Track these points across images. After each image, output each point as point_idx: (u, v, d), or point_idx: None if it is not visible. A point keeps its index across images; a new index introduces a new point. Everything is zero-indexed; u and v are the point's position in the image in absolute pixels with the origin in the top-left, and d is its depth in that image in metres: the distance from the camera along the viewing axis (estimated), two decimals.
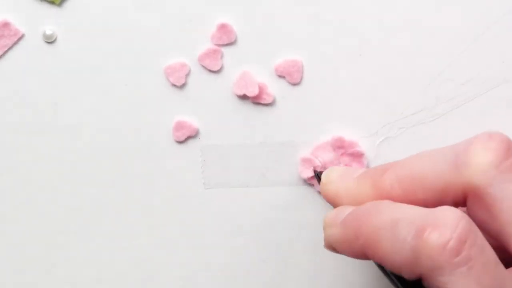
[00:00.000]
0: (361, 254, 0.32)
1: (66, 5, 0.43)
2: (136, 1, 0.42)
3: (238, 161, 0.44)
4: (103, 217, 0.45)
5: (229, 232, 0.45)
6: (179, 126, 0.44)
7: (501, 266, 0.30)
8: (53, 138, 0.44)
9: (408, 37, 0.42)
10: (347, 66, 0.43)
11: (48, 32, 0.43)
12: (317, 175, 0.43)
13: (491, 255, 0.29)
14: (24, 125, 0.44)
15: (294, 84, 0.43)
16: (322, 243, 0.38)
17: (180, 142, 0.44)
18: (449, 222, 0.29)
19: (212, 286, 0.45)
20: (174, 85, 0.43)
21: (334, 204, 0.37)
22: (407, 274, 0.30)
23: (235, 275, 0.45)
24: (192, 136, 0.44)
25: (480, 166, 0.31)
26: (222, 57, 0.43)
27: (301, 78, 0.43)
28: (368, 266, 0.45)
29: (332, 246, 0.35)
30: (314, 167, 0.43)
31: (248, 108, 0.44)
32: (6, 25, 0.42)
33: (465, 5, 0.42)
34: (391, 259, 0.30)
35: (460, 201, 0.32)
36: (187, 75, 0.43)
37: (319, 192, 0.44)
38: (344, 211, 0.34)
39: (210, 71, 0.43)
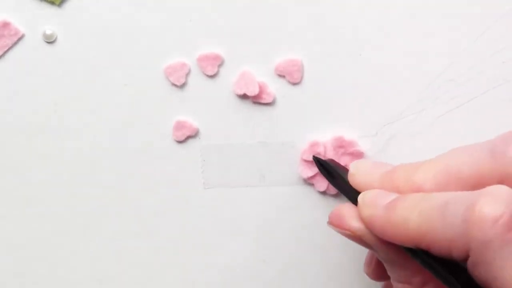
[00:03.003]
0: (406, 238, 0.32)
1: (66, 5, 0.43)
2: (136, 1, 0.43)
3: (238, 161, 0.45)
4: (103, 217, 0.45)
5: (229, 232, 0.45)
6: (179, 126, 0.44)
7: None
8: (53, 138, 0.44)
9: (408, 37, 0.43)
10: (347, 66, 0.43)
11: (48, 32, 0.43)
12: (318, 162, 0.43)
13: None
14: (24, 125, 0.44)
15: (294, 84, 0.44)
16: (322, 242, 0.38)
17: (180, 142, 0.44)
18: (503, 196, 0.29)
19: (212, 286, 0.46)
20: (174, 85, 0.44)
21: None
22: (455, 251, 0.30)
23: (235, 275, 0.46)
24: (192, 136, 0.44)
25: None
26: (221, 65, 0.43)
27: (301, 78, 0.44)
28: None
29: (370, 225, 0.35)
30: (315, 154, 0.43)
31: (248, 108, 0.44)
32: (6, 25, 0.43)
33: (465, 5, 0.42)
34: (441, 237, 0.31)
35: None
36: (187, 74, 0.44)
37: (319, 192, 0.44)
38: (385, 195, 0.35)
39: (208, 73, 0.44)
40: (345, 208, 0.37)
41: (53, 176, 0.45)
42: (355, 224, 0.36)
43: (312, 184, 0.44)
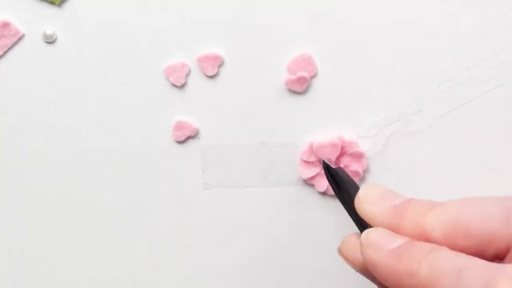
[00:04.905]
0: None
1: (66, 5, 0.43)
2: (136, 2, 0.43)
3: (238, 161, 0.45)
4: (103, 217, 0.45)
5: (229, 232, 0.45)
6: (179, 126, 0.44)
7: None
8: (53, 138, 0.45)
9: (408, 37, 0.43)
10: (347, 67, 0.43)
11: (48, 32, 0.43)
12: (327, 169, 0.41)
13: None
14: (24, 125, 0.44)
15: None
16: (322, 242, 0.38)
17: (180, 142, 0.45)
18: None
19: (211, 286, 0.46)
20: (174, 85, 0.44)
21: (368, 222, 0.36)
22: None
23: (235, 275, 0.46)
24: (192, 136, 0.44)
25: None
26: (221, 65, 0.43)
27: None
28: None
29: (371, 268, 0.33)
30: (323, 160, 0.43)
31: (248, 109, 0.44)
32: (6, 25, 0.43)
33: (465, 5, 0.43)
34: None
35: (501, 254, 0.31)
36: (187, 75, 0.44)
37: (319, 192, 0.45)
38: (390, 238, 0.33)
39: (208, 73, 0.44)
40: (351, 239, 0.36)
41: (53, 176, 0.45)
42: (360, 257, 0.34)
43: (312, 185, 0.45)
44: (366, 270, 0.35)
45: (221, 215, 0.45)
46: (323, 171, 0.44)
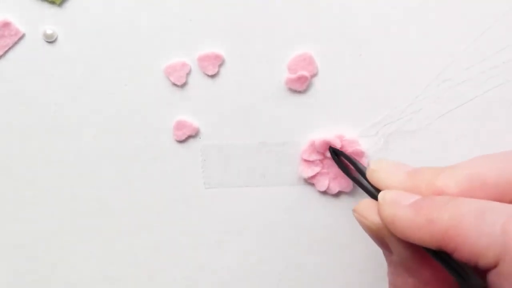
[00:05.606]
0: (431, 239, 0.32)
1: (66, 5, 0.43)
2: (136, 1, 0.43)
3: (239, 161, 0.45)
4: (103, 217, 0.45)
5: (229, 231, 0.45)
6: (180, 125, 0.44)
7: None
8: (53, 138, 0.45)
9: (408, 37, 0.43)
10: (347, 66, 0.43)
11: (48, 32, 0.43)
12: (334, 153, 0.43)
13: None
14: (24, 125, 0.44)
15: None
16: (322, 241, 0.38)
17: (181, 142, 0.45)
18: None
19: (212, 286, 0.46)
20: (174, 85, 0.44)
21: (383, 189, 0.37)
22: (484, 259, 0.30)
23: (235, 274, 0.46)
24: (193, 135, 0.44)
25: None
26: (221, 65, 0.43)
27: None
28: (368, 266, 0.45)
29: (390, 224, 0.35)
30: (331, 146, 0.44)
31: (248, 108, 0.44)
32: (6, 25, 0.43)
33: (465, 5, 0.43)
34: (472, 243, 0.31)
35: None
36: (188, 74, 0.44)
37: (320, 192, 0.45)
38: (407, 195, 0.35)
39: (208, 73, 0.44)
40: (367, 201, 0.37)
41: (53, 176, 0.45)
42: (376, 218, 0.36)
43: (312, 184, 0.45)
44: (379, 231, 0.36)
45: (221, 215, 0.45)
46: (323, 170, 0.44)
